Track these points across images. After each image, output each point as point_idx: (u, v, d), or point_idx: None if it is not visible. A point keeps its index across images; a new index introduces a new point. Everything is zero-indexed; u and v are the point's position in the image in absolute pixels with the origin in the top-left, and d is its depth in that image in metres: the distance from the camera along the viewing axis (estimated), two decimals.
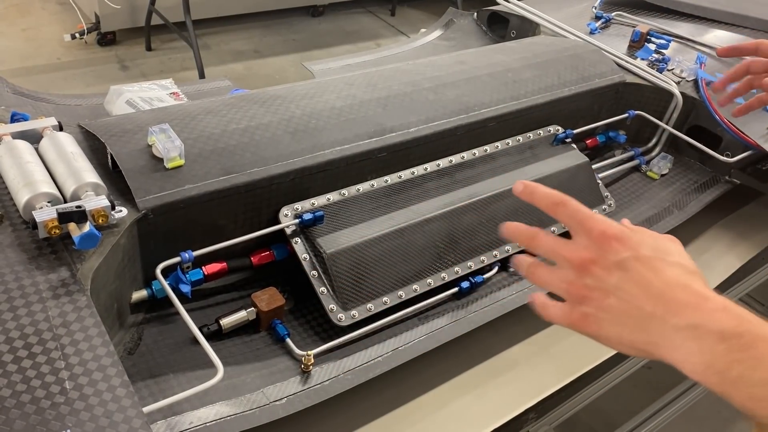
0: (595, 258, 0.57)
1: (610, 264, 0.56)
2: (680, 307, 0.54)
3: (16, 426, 0.69)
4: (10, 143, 1.01)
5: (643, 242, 0.58)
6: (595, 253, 0.57)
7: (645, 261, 0.56)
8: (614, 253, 0.56)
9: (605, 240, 0.57)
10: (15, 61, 3.44)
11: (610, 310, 0.57)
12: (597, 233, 0.58)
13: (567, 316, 0.60)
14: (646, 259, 0.56)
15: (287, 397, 0.96)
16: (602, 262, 0.57)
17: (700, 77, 1.64)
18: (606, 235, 0.57)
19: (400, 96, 1.32)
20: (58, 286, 0.84)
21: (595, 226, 0.58)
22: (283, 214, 1.13)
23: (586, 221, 0.59)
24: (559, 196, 0.62)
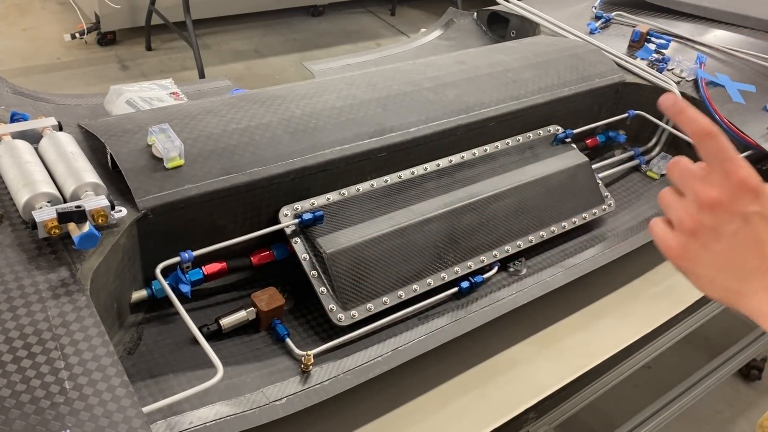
0: (724, 201, 0.56)
1: (736, 211, 0.55)
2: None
3: (15, 426, 0.69)
4: (9, 143, 1.01)
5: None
6: (726, 197, 0.56)
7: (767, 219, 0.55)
8: (744, 204, 0.55)
9: (742, 188, 0.56)
10: (15, 61, 3.44)
11: (714, 253, 0.56)
12: (736, 178, 0.56)
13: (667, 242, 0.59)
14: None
15: (287, 397, 0.96)
16: (729, 207, 0.56)
17: (699, 77, 1.64)
18: (744, 184, 0.55)
19: (400, 96, 1.32)
20: (57, 286, 0.84)
21: (737, 171, 0.56)
22: (283, 213, 1.13)
23: (730, 163, 0.56)
24: (710, 127, 0.57)
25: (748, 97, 1.64)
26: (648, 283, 1.43)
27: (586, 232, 1.42)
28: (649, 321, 1.32)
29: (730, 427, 2.15)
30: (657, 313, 1.35)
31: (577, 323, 1.31)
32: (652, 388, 1.77)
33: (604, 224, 1.46)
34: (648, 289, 1.41)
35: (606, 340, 1.27)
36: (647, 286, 1.42)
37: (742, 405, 2.22)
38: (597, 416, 1.78)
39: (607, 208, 1.44)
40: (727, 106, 1.59)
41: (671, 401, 1.69)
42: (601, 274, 1.33)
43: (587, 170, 1.44)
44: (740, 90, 1.65)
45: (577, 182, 1.41)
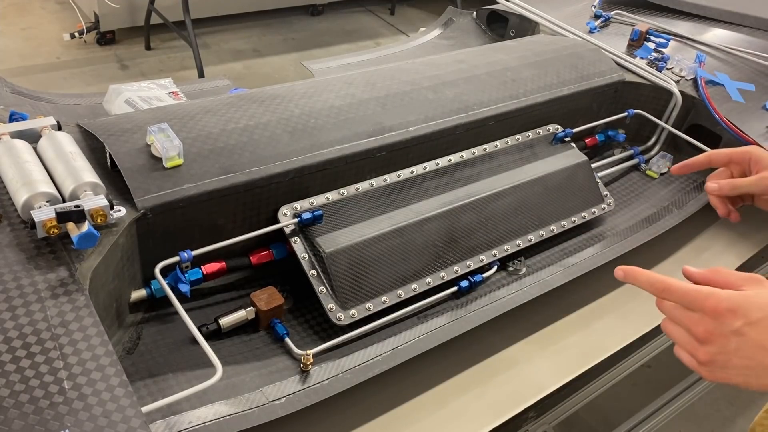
0: (713, 330, 0.65)
1: (727, 333, 0.64)
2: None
3: (14, 426, 0.69)
4: (8, 143, 1.00)
5: (752, 305, 0.64)
6: (712, 326, 0.65)
7: (757, 323, 0.64)
8: (729, 324, 0.64)
9: (718, 314, 0.65)
10: (14, 61, 3.44)
11: (734, 367, 0.65)
12: (709, 310, 0.65)
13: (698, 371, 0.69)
14: (758, 321, 0.64)
15: (286, 396, 0.96)
16: (719, 333, 0.65)
17: (699, 76, 1.64)
18: (718, 310, 0.65)
19: (399, 95, 1.32)
20: (56, 286, 0.84)
21: (707, 304, 0.65)
22: (282, 213, 1.13)
23: (696, 301, 0.66)
24: (662, 283, 0.70)
25: (747, 96, 1.64)
26: None
27: (586, 231, 1.42)
28: (648, 320, 1.32)
29: (729, 425, 2.15)
30: (656, 312, 1.34)
31: (576, 322, 1.31)
32: (651, 387, 1.77)
33: (604, 223, 1.46)
34: None
35: (605, 339, 1.27)
36: None
37: (741, 403, 2.22)
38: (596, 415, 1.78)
39: (607, 207, 1.44)
40: (727, 105, 1.59)
41: (671, 400, 1.69)
42: (600, 273, 1.33)
43: (586, 169, 1.44)
44: (739, 89, 1.65)
45: (577, 181, 1.41)
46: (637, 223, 1.47)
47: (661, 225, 1.46)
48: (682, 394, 1.71)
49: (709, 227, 1.61)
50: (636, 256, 1.41)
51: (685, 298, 0.68)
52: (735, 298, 0.65)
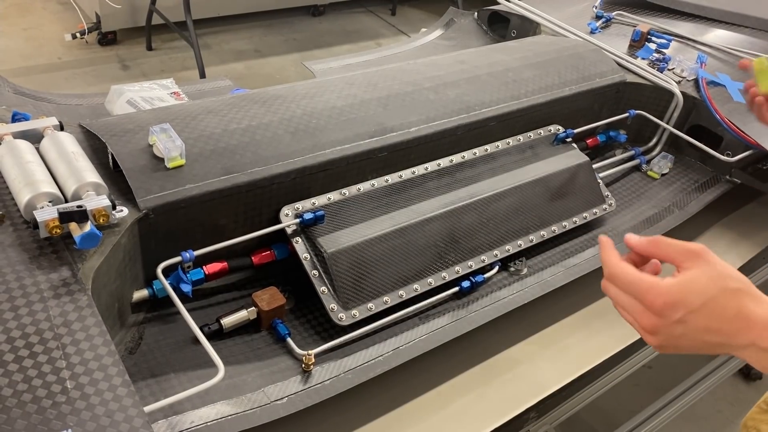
0: (657, 323, 0.68)
1: (671, 323, 0.67)
2: (735, 333, 0.66)
3: (17, 425, 0.69)
4: (11, 143, 1.01)
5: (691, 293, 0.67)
6: (657, 319, 0.68)
7: (699, 310, 0.66)
8: (671, 315, 0.67)
9: (661, 309, 0.67)
10: (16, 61, 3.44)
11: (684, 346, 0.69)
12: (649, 304, 0.68)
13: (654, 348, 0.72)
14: (700, 308, 0.66)
15: (288, 396, 0.97)
16: (665, 323, 0.68)
17: (700, 77, 1.64)
18: (656, 305, 0.67)
19: (400, 95, 1.32)
20: (59, 286, 0.85)
21: (647, 298, 0.68)
22: (284, 213, 1.13)
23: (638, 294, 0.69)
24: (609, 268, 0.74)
25: None
26: None
27: (587, 232, 1.42)
28: None
29: (730, 426, 2.15)
30: None
31: (577, 323, 1.31)
32: (652, 388, 1.77)
33: (605, 224, 1.46)
34: None
35: (607, 339, 1.27)
36: None
37: (742, 404, 2.22)
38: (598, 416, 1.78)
39: (608, 208, 1.44)
40: (728, 105, 1.59)
41: (672, 400, 1.69)
42: (601, 273, 1.33)
43: (588, 170, 1.44)
44: (741, 89, 1.65)
45: (578, 182, 1.41)
46: (639, 223, 1.47)
47: (663, 226, 1.46)
48: (683, 395, 1.71)
49: (711, 228, 1.61)
50: None
51: (627, 288, 0.71)
52: (673, 292, 0.67)
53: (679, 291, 0.67)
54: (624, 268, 0.72)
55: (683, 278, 0.68)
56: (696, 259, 0.69)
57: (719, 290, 0.67)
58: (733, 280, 0.68)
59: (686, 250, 0.70)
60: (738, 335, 0.66)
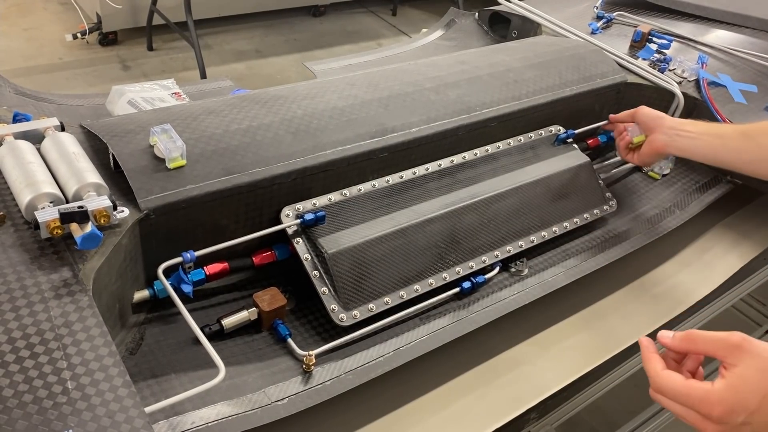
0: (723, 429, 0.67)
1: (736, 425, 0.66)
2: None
3: (18, 426, 0.69)
4: (12, 143, 1.01)
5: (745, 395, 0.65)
6: (720, 427, 0.67)
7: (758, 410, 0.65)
8: (733, 421, 0.66)
9: (720, 417, 0.66)
10: (17, 61, 3.44)
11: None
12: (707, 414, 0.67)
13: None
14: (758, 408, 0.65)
15: (289, 397, 0.97)
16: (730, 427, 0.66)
17: (701, 77, 1.64)
18: (716, 415, 0.66)
19: (401, 96, 1.32)
20: (60, 286, 0.85)
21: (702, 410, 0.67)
22: (285, 214, 1.13)
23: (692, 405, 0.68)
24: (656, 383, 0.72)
25: (749, 97, 1.64)
26: (649, 283, 1.43)
27: (588, 233, 1.42)
28: (650, 321, 1.32)
29: None
30: (658, 314, 1.35)
31: (578, 323, 1.31)
32: None
33: (606, 224, 1.46)
34: (649, 290, 1.41)
35: (608, 340, 1.27)
36: (649, 287, 1.42)
37: None
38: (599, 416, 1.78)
39: (609, 209, 1.44)
40: (729, 106, 1.59)
41: None
42: (602, 274, 1.34)
43: (589, 170, 1.44)
44: (742, 90, 1.65)
45: (579, 182, 1.41)
46: (639, 224, 1.47)
47: (663, 226, 1.46)
48: None
49: (712, 228, 1.61)
50: (638, 258, 1.41)
51: (679, 400, 0.69)
52: (727, 398, 0.65)
53: (734, 395, 0.65)
54: (670, 380, 0.70)
55: (733, 380, 0.66)
56: (739, 353, 0.67)
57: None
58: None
59: (726, 345, 0.68)
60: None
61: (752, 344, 0.67)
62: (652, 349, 0.75)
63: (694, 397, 0.67)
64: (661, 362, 0.73)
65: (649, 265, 1.46)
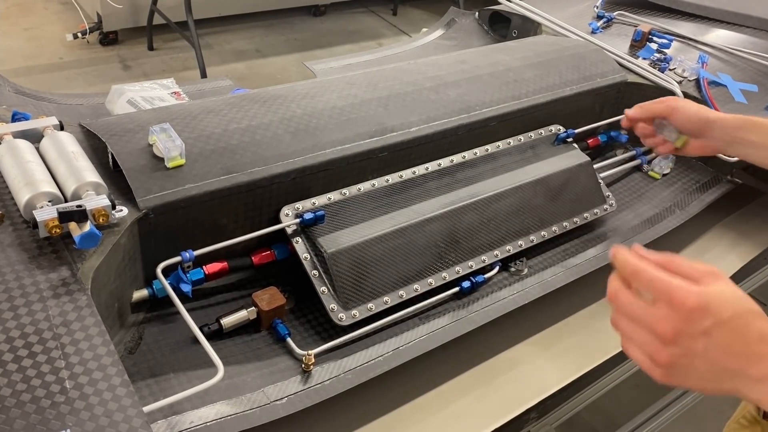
0: (680, 329, 0.59)
1: (695, 333, 0.59)
2: (758, 358, 0.58)
3: (16, 425, 0.69)
4: (11, 142, 1.01)
5: (722, 302, 0.60)
6: (679, 324, 0.59)
7: (727, 323, 0.59)
8: (698, 323, 0.59)
9: (688, 311, 0.59)
10: (17, 61, 3.44)
11: (695, 370, 0.61)
12: (677, 306, 0.59)
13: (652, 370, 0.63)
14: (728, 321, 0.59)
15: (288, 396, 0.96)
16: (687, 332, 0.59)
17: (702, 77, 1.64)
18: (687, 306, 0.59)
19: (401, 95, 1.32)
20: (58, 286, 0.84)
21: (675, 297, 0.59)
22: (284, 213, 1.13)
23: (665, 292, 0.60)
24: (632, 266, 0.63)
25: (750, 97, 1.64)
26: None
27: (588, 232, 1.42)
28: None
29: None
30: None
31: (578, 323, 1.31)
32: (653, 388, 1.76)
33: (606, 224, 1.46)
34: None
35: (607, 340, 1.27)
36: None
37: None
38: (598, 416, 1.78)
39: (609, 208, 1.44)
40: (729, 105, 1.59)
41: (673, 401, 1.68)
42: (602, 273, 1.33)
43: (589, 170, 1.44)
44: (742, 89, 1.65)
45: (579, 182, 1.41)
46: (639, 223, 1.47)
47: (664, 226, 1.46)
48: (684, 396, 1.70)
49: (712, 228, 1.61)
50: None
51: (652, 285, 0.61)
52: (705, 294, 0.59)
53: (711, 297, 0.59)
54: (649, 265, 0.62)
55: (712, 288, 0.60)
56: (716, 277, 0.62)
57: (744, 309, 0.60)
58: (753, 304, 0.61)
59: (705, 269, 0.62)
60: (760, 362, 0.59)
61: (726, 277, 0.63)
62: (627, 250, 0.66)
63: (673, 283, 0.60)
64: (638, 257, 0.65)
65: None
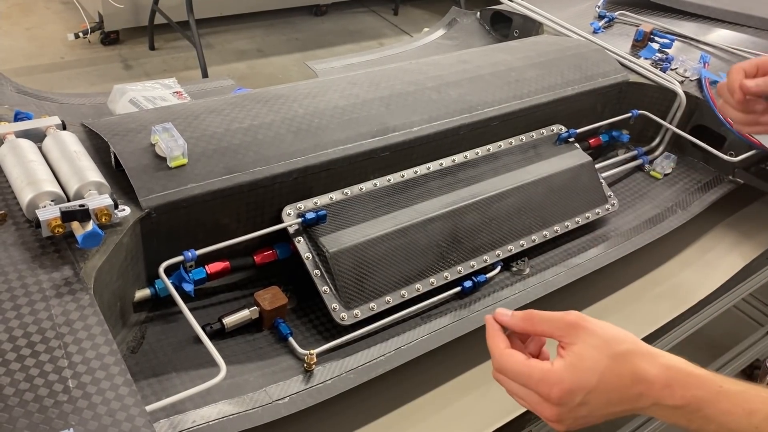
0: (559, 412, 0.67)
1: (573, 407, 0.66)
2: (637, 398, 0.65)
3: (19, 424, 0.69)
4: (13, 142, 1.01)
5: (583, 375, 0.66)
6: (557, 409, 0.67)
7: (595, 388, 0.65)
8: (571, 401, 0.66)
9: (558, 399, 0.66)
10: (19, 60, 3.44)
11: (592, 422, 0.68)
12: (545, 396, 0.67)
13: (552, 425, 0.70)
14: (595, 386, 0.65)
15: (290, 396, 0.97)
16: (566, 410, 0.66)
17: (703, 76, 1.63)
18: (555, 396, 0.66)
19: (402, 95, 1.32)
20: (61, 285, 0.85)
21: (542, 391, 0.67)
22: (286, 213, 1.13)
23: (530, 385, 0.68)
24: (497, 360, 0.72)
25: None
26: (651, 283, 1.43)
27: (589, 232, 1.42)
28: (652, 321, 1.32)
29: None
30: (660, 313, 1.35)
31: None
32: None
33: (607, 224, 1.46)
34: (651, 289, 1.41)
35: None
36: (650, 286, 1.42)
37: None
38: None
39: (611, 208, 1.44)
40: None
41: None
42: (604, 273, 1.33)
43: (590, 170, 1.44)
44: None
45: (580, 182, 1.41)
46: (641, 223, 1.47)
47: (665, 226, 1.46)
48: None
49: (714, 228, 1.61)
50: (639, 257, 1.40)
51: (519, 380, 0.69)
52: (566, 378, 0.65)
53: (572, 374, 0.66)
54: (511, 359, 0.70)
55: (571, 358, 0.66)
56: (575, 330, 0.68)
57: (610, 359, 0.65)
58: (619, 342, 0.67)
59: (563, 324, 0.69)
60: (640, 399, 0.65)
61: (588, 322, 0.68)
62: (497, 328, 0.74)
63: (534, 377, 0.67)
64: (505, 341, 0.72)
65: (650, 265, 1.46)
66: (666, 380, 0.65)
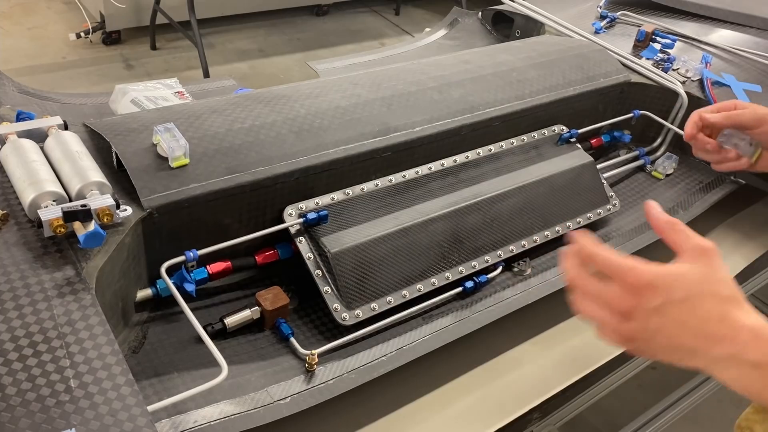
0: (633, 306, 0.61)
1: (648, 310, 0.61)
2: (717, 340, 0.60)
3: (21, 424, 0.69)
4: (15, 142, 1.01)
5: (676, 283, 0.61)
6: (632, 302, 0.61)
7: (678, 303, 0.60)
8: (649, 301, 0.61)
9: (638, 290, 0.61)
10: (20, 60, 3.44)
11: (657, 346, 0.62)
12: (629, 285, 0.62)
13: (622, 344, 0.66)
14: (680, 301, 0.60)
15: (291, 396, 0.97)
16: (640, 309, 0.61)
17: (705, 77, 1.63)
18: (637, 286, 0.61)
19: (404, 95, 1.32)
20: (63, 285, 0.85)
21: (627, 278, 0.62)
22: (288, 213, 1.13)
23: (618, 273, 0.63)
24: (586, 251, 0.66)
25: (753, 97, 1.63)
26: None
27: (591, 232, 1.42)
28: None
29: None
30: None
31: (581, 323, 1.30)
32: (656, 389, 1.76)
33: (609, 224, 1.46)
34: None
35: None
36: None
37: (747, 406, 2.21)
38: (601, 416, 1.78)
39: (612, 208, 1.44)
40: None
41: (676, 402, 1.68)
42: None
43: (592, 170, 1.43)
44: (746, 90, 1.64)
45: (582, 182, 1.41)
46: (643, 224, 1.47)
47: None
48: (687, 396, 1.70)
49: (715, 228, 1.61)
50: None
51: (606, 267, 0.64)
52: (657, 275, 0.61)
53: (665, 277, 0.61)
54: (606, 251, 0.64)
55: (674, 268, 0.62)
56: (700, 255, 0.63)
57: (708, 292, 0.61)
58: (727, 288, 0.62)
59: (695, 244, 0.63)
60: (719, 343, 0.60)
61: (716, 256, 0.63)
62: None
63: (627, 264, 0.62)
64: None
65: None
66: (755, 332, 0.59)
